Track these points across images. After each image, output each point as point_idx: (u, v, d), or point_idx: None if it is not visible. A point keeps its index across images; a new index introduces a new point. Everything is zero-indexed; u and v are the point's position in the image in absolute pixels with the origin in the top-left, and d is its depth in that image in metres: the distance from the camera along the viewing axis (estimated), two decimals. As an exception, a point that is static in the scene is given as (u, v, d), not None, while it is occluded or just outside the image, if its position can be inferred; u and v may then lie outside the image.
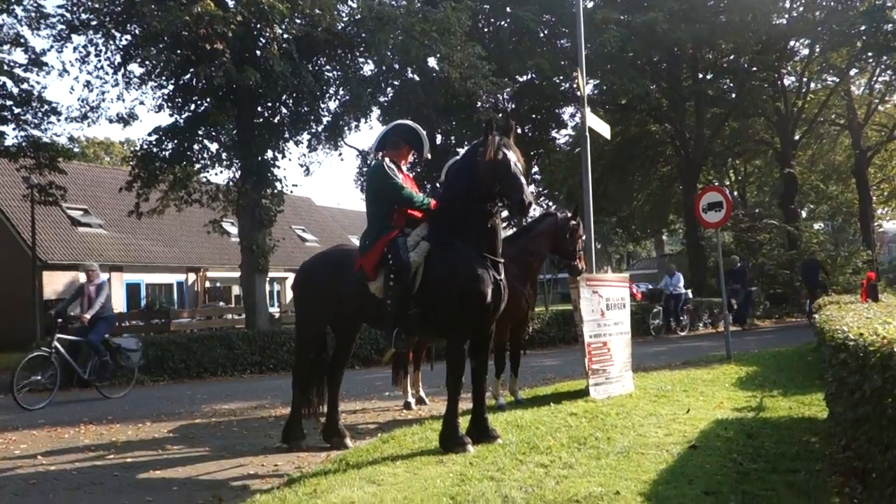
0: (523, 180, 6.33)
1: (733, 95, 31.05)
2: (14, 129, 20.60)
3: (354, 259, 6.91)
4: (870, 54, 31.07)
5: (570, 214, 8.72)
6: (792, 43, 31.39)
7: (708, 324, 25.07)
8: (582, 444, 6.47)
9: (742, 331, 21.96)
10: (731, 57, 30.43)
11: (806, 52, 32.20)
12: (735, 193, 39.33)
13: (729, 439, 6.63)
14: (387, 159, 6.91)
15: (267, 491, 5.45)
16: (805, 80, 33.09)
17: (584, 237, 8.72)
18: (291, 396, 7.49)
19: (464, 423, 6.70)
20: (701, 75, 31.57)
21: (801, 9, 29.74)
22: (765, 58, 28.38)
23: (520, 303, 8.39)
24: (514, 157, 6.36)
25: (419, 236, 6.60)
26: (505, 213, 6.64)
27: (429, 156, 7.43)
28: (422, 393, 9.90)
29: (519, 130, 32.47)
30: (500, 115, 29.19)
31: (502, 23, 30.47)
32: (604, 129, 11.20)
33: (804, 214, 38.89)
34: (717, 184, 32.68)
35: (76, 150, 47.23)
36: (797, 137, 33.96)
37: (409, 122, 7.17)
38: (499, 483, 5.29)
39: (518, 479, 5.42)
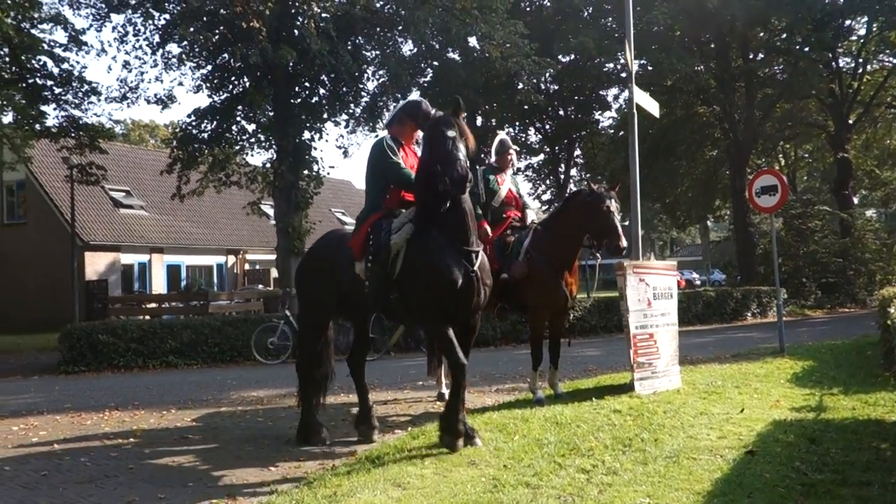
0: (457, 154, 5.82)
1: (785, 76, 29.90)
2: (55, 109, 20.63)
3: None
4: (932, 32, 29.72)
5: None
6: (848, 21, 30.10)
7: (757, 313, 24.26)
8: (627, 447, 5.98)
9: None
10: (784, 36, 29.24)
11: (863, 31, 30.89)
12: (785, 178, 38.14)
13: (790, 444, 6.08)
14: (387, 137, 6.69)
15: (285, 492, 5.07)
16: (861, 60, 31.77)
17: (611, 209, 7.70)
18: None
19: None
20: (752, 55, 30.43)
21: (859, -16, 28.44)
22: (819, 36, 27.19)
23: (556, 292, 7.89)
24: (451, 133, 5.91)
25: (406, 218, 6.26)
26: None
27: None
28: (444, 389, 9.43)
29: (561, 112, 31.81)
30: (542, 96, 28.56)
31: (546, 1, 29.75)
32: (652, 107, 10.57)
33: (856, 201, 37.50)
34: (766, 168, 31.65)
35: (121, 132, 47.74)
36: (852, 121, 32.69)
37: (417, 98, 6.77)
38: (535, 491, 4.84)
39: (557, 486, 4.96)
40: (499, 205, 8.56)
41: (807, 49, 27.77)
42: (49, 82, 19.87)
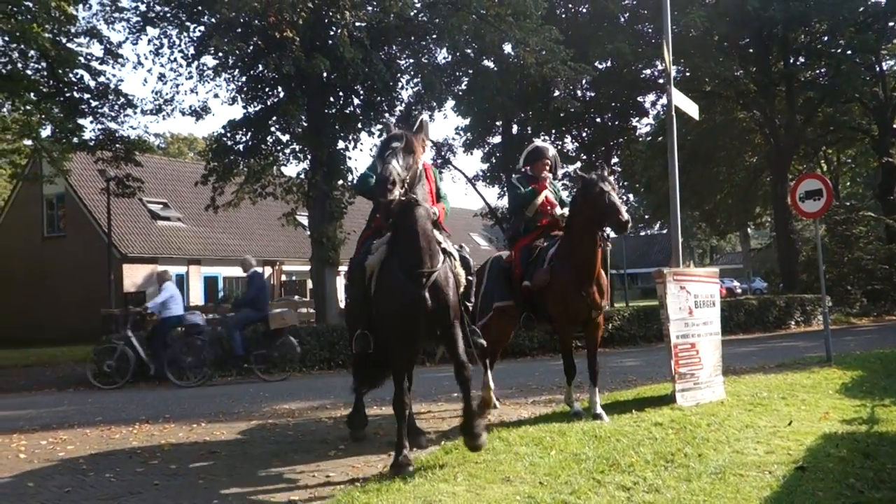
0: (389, 159, 5.71)
1: (827, 79, 29.19)
2: (92, 122, 20.79)
3: None
4: (978, 34, 28.88)
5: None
6: (891, 23, 29.36)
7: (800, 321, 23.68)
8: (669, 462, 5.70)
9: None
10: (826, 38, 28.63)
11: (907, 32, 30.15)
12: (829, 183, 37.21)
13: (842, 459, 5.75)
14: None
15: (311, 510, 4.89)
16: (905, 63, 31.09)
17: (604, 189, 7.25)
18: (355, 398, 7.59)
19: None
20: (792, 58, 29.84)
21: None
22: (862, 37, 26.56)
23: (577, 302, 7.45)
24: (396, 144, 5.85)
25: (384, 241, 6.27)
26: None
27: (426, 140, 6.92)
28: (491, 394, 9.21)
29: (598, 119, 31.41)
30: (579, 103, 28.23)
31: (581, 8, 29.43)
32: (692, 109, 10.24)
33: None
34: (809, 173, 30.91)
35: (160, 145, 48.17)
36: (896, 124, 31.91)
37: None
38: (573, 510, 4.59)
39: (595, 504, 4.70)
40: (532, 214, 8.27)
41: (849, 52, 27.15)
42: (86, 95, 20.04)
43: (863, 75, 28.38)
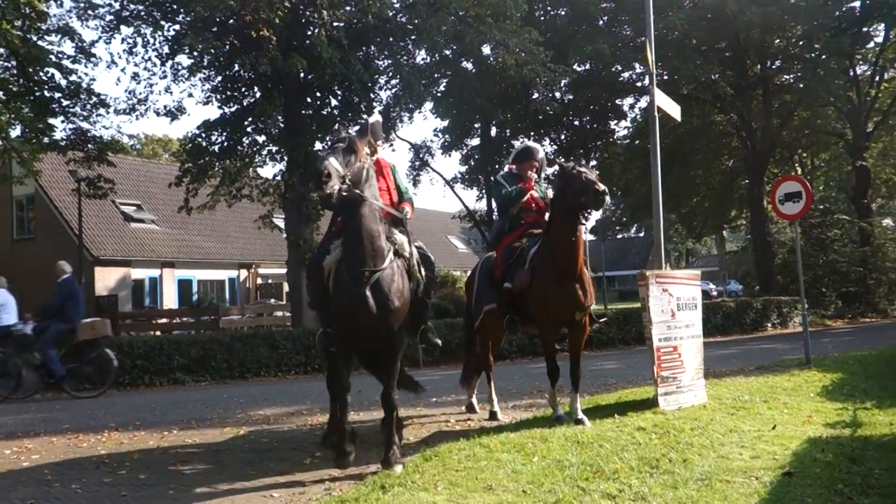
0: (330, 158, 5.72)
1: (803, 83, 29.37)
2: (63, 121, 20.35)
3: None
4: (952, 40, 29.19)
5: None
6: (866, 28, 29.60)
7: (777, 324, 23.75)
8: (654, 468, 5.57)
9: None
10: (802, 43, 28.80)
11: (880, 38, 30.43)
12: (809, 185, 37.41)
13: (829, 464, 5.66)
14: None
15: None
16: (879, 67, 31.29)
17: (579, 169, 7.14)
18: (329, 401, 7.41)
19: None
20: (769, 62, 30.01)
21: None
22: (837, 42, 26.71)
23: (558, 303, 7.26)
24: (340, 146, 5.93)
25: (340, 241, 6.30)
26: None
27: (381, 142, 6.91)
28: (473, 400, 9.06)
29: (576, 122, 31.39)
30: (557, 103, 28.18)
31: (560, 11, 29.38)
32: (674, 110, 10.17)
33: (874, 209, 36.84)
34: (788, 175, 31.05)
35: (135, 146, 47.43)
36: (870, 129, 32.15)
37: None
38: (557, 519, 4.44)
39: (581, 513, 4.55)
40: (516, 211, 8.14)
41: (824, 56, 27.32)
42: (57, 94, 19.62)
43: (838, 79, 28.56)
